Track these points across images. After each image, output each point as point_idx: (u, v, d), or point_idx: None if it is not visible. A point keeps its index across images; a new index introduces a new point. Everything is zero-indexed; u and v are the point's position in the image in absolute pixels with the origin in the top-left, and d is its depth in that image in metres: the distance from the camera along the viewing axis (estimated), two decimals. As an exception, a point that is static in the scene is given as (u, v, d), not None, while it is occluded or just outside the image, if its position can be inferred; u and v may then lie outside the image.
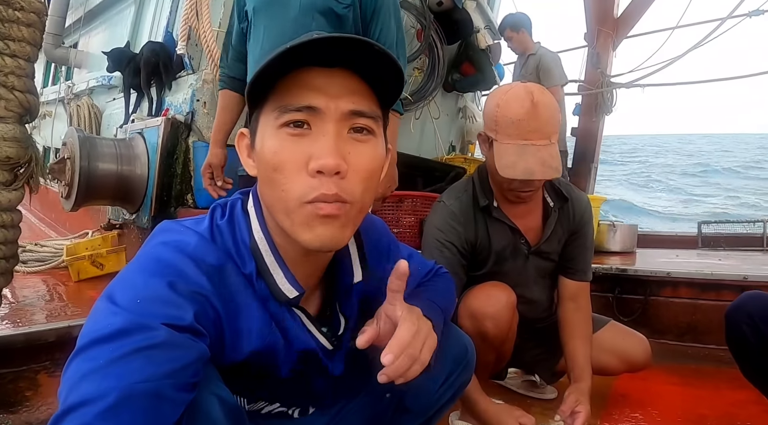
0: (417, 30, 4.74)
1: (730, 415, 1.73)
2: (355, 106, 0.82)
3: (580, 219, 1.84)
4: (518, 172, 1.56)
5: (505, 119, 1.58)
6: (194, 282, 0.79)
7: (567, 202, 1.82)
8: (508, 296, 1.70)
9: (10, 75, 1.41)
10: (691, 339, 2.71)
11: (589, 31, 5.52)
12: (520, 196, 1.70)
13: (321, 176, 0.79)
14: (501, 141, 1.59)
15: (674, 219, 16.06)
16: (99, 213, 4.43)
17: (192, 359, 0.72)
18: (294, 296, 0.90)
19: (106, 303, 0.73)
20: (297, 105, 0.80)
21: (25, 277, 3.61)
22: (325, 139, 0.80)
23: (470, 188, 1.81)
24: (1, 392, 1.95)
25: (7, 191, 1.43)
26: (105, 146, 3.51)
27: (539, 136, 1.56)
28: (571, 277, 1.88)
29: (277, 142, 0.81)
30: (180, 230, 0.86)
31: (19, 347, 2.14)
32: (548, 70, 4.45)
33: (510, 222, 1.78)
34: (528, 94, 1.57)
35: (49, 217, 5.83)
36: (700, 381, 2.31)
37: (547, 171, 1.55)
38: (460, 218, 1.75)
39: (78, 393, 0.64)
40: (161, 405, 0.66)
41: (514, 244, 1.81)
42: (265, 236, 0.89)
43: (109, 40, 5.21)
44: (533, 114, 1.55)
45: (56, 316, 2.80)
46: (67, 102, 5.49)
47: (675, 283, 2.88)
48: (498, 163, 1.59)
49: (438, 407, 1.19)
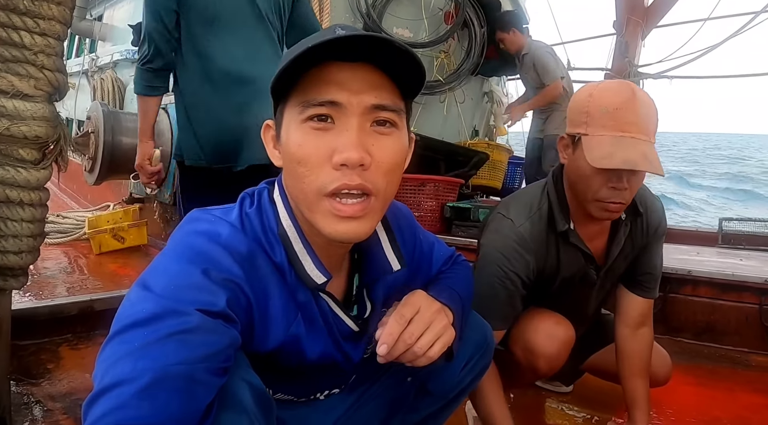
0: (445, 12, 4.68)
1: (744, 419, 1.72)
2: (378, 100, 0.82)
3: (654, 233, 1.60)
4: (617, 161, 1.29)
5: (598, 109, 1.35)
6: (227, 270, 0.80)
7: (640, 214, 1.56)
8: (568, 335, 1.56)
9: (40, 54, 1.41)
10: (708, 339, 2.69)
11: (618, 18, 5.41)
12: (608, 209, 1.40)
13: (344, 169, 0.80)
14: (593, 133, 1.35)
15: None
16: (120, 186, 4.48)
17: (225, 344, 0.73)
18: (322, 282, 0.91)
19: (140, 289, 0.75)
20: (320, 100, 0.80)
21: (47, 249, 3.67)
22: (348, 133, 0.80)
23: (545, 206, 1.53)
24: (24, 363, 2.00)
25: (35, 170, 1.44)
26: (129, 121, 3.54)
27: (638, 130, 1.32)
28: (640, 294, 1.65)
29: (301, 135, 0.82)
30: (210, 220, 0.87)
31: (41, 319, 2.19)
32: (545, 66, 4.29)
33: (584, 247, 1.53)
34: (626, 85, 1.37)
35: (71, 188, 5.91)
36: (715, 382, 2.29)
37: (650, 165, 1.29)
38: (530, 244, 1.48)
39: (113, 373, 0.66)
40: (195, 387, 0.68)
41: (584, 271, 1.58)
42: (293, 223, 0.90)
43: (134, 13, 5.21)
44: (632, 105, 1.32)
45: (78, 289, 2.86)
46: (91, 74, 5.52)
47: (695, 282, 2.85)
48: (589, 156, 1.33)
49: (458, 390, 1.20)
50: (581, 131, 1.38)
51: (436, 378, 1.15)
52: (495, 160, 4.63)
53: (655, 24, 5.43)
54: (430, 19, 4.63)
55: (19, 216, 1.45)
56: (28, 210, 1.45)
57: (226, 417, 0.74)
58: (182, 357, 0.67)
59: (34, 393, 1.83)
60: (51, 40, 1.43)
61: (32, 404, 1.76)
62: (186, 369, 0.67)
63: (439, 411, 1.21)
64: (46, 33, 1.41)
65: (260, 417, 0.79)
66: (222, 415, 0.73)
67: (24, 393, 1.82)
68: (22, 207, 1.44)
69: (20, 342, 2.03)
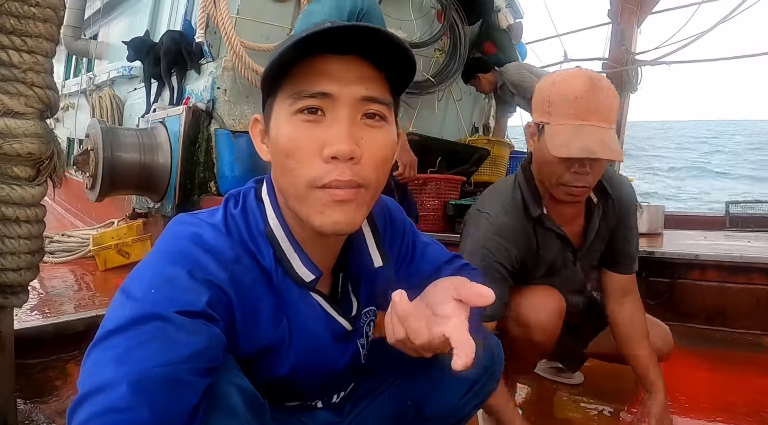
0: (437, 11, 4.68)
1: (759, 402, 1.69)
2: (368, 92, 0.82)
3: (626, 212, 1.68)
4: (574, 150, 1.36)
5: (560, 97, 1.41)
6: (209, 272, 0.79)
7: (611, 196, 1.64)
8: (558, 303, 1.59)
9: (29, 71, 1.41)
10: (719, 324, 2.65)
11: (612, 7, 5.39)
12: (573, 193, 1.48)
13: (335, 162, 0.80)
14: (554, 122, 1.42)
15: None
16: (124, 202, 4.50)
17: (207, 344, 0.72)
18: (311, 280, 0.91)
19: (121, 296, 0.74)
20: (310, 91, 0.80)
21: (54, 268, 3.69)
22: (338, 125, 0.80)
23: (518, 195, 1.59)
24: (32, 382, 1.99)
25: (30, 187, 1.44)
26: (127, 136, 3.55)
27: (598, 117, 1.38)
28: (619, 271, 1.73)
29: (291, 128, 0.81)
30: (194, 223, 0.86)
31: (48, 337, 2.19)
32: (521, 79, 4.16)
33: (559, 230, 1.60)
34: (586, 74, 1.42)
35: (75, 207, 5.94)
36: (728, 366, 2.26)
37: (609, 151, 1.36)
38: (509, 234, 1.54)
39: (96, 379, 0.65)
40: (178, 389, 0.67)
41: (562, 254, 1.65)
42: (280, 222, 0.90)
43: (128, 30, 5.25)
44: (592, 93, 1.38)
45: (84, 306, 2.87)
46: (89, 93, 5.56)
47: (703, 266, 2.81)
48: (550, 144, 1.41)
49: (460, 417, 1.15)
50: (544, 120, 1.46)
51: (435, 402, 1.11)
52: (496, 156, 4.62)
53: (650, 10, 5.40)
54: (422, 19, 4.62)
55: (16, 234, 1.44)
56: (24, 227, 1.45)
57: (215, 420, 0.73)
58: (164, 359, 0.67)
59: (43, 410, 1.83)
60: (39, 57, 1.43)
61: (40, 422, 1.76)
62: (168, 370, 0.67)
63: None
64: (34, 50, 1.41)
65: (251, 420, 0.78)
66: (211, 418, 0.72)
67: (32, 411, 1.82)
68: (18, 224, 1.44)
69: (27, 360, 2.03)
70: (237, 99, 3.67)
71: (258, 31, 3.72)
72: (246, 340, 0.87)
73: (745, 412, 1.88)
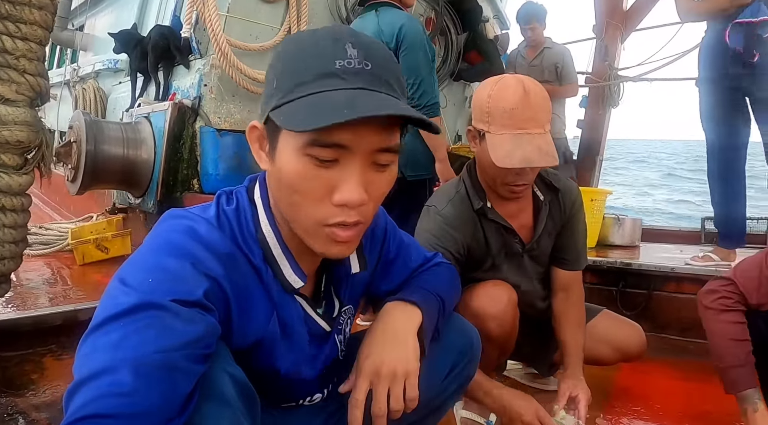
0: (426, 18, 4.70)
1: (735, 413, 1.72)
2: (383, 144, 0.82)
3: (571, 209, 1.80)
4: (516, 160, 1.49)
5: (497, 109, 1.53)
6: (206, 265, 0.80)
7: (557, 194, 1.77)
8: (509, 294, 1.67)
9: (22, 58, 1.41)
10: (694, 335, 2.69)
11: (597, 23, 5.49)
12: (514, 191, 1.64)
13: (344, 207, 0.82)
14: (495, 132, 1.54)
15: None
16: (104, 196, 4.44)
17: (202, 332, 0.74)
18: (299, 286, 0.94)
19: (118, 284, 0.75)
20: (326, 141, 0.78)
21: (30, 260, 3.61)
22: (351, 175, 0.80)
23: (462, 189, 1.73)
24: (8, 375, 1.96)
25: (17, 175, 1.43)
26: (111, 130, 3.51)
27: (534, 124, 1.51)
28: (563, 267, 1.85)
29: (301, 166, 0.80)
30: (189, 217, 0.87)
31: (25, 330, 2.15)
32: (569, 65, 4.56)
33: (504, 222, 1.72)
34: (519, 83, 1.53)
35: (54, 200, 5.84)
36: (704, 377, 2.29)
37: (545, 158, 1.49)
38: (454, 222, 1.67)
39: (92, 365, 0.66)
40: (174, 375, 0.68)
41: (509, 245, 1.76)
42: (273, 229, 0.91)
43: (115, 22, 5.19)
44: (526, 102, 1.50)
45: (61, 300, 2.82)
46: (73, 85, 5.48)
47: (679, 279, 2.88)
48: (493, 155, 1.52)
49: (442, 399, 1.19)
50: (484, 128, 1.58)
51: (426, 362, 1.13)
52: (478, 164, 4.66)
53: (634, 27, 5.51)
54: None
55: (1, 223, 1.43)
56: (10, 215, 1.44)
57: (208, 408, 0.74)
58: (160, 346, 0.68)
59: (18, 404, 1.80)
60: (33, 44, 1.42)
61: (16, 415, 1.73)
62: (164, 357, 0.68)
63: (424, 420, 1.18)
64: (28, 37, 1.41)
65: (244, 409, 0.80)
66: (204, 406, 0.73)
67: (8, 404, 1.79)
68: (4, 212, 1.43)
69: (3, 353, 2.00)
70: (224, 97, 3.65)
71: (248, 31, 3.71)
72: (240, 333, 0.88)
73: (720, 421, 1.91)
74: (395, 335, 1.02)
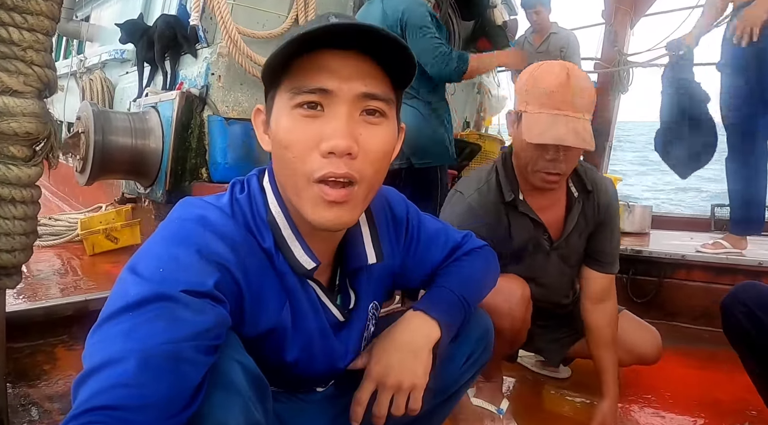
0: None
1: (745, 400, 1.72)
2: (368, 89, 0.83)
3: (606, 210, 1.73)
4: (548, 137, 1.44)
5: (537, 89, 1.50)
6: (216, 253, 0.80)
7: (592, 192, 1.71)
8: (522, 290, 1.64)
9: (29, 49, 1.39)
10: (705, 323, 2.68)
11: (606, 8, 5.40)
12: (547, 179, 1.56)
13: (332, 156, 0.81)
14: (531, 111, 1.50)
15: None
16: (112, 187, 4.45)
17: (212, 323, 0.73)
18: (311, 268, 0.92)
19: (129, 274, 0.75)
20: (310, 87, 0.81)
21: (40, 251, 3.64)
22: (337, 120, 0.81)
23: (493, 178, 1.68)
24: (20, 365, 1.97)
25: (26, 167, 1.42)
26: (119, 120, 3.51)
27: (573, 108, 1.46)
28: (597, 270, 1.77)
29: (290, 121, 0.82)
30: (201, 205, 0.87)
31: (37, 321, 2.17)
32: (572, 51, 4.53)
33: (534, 216, 1.67)
34: (563, 68, 1.50)
35: (62, 191, 5.86)
36: (715, 365, 2.29)
37: (580, 141, 1.44)
38: (478, 212, 1.63)
39: (102, 354, 0.66)
40: (183, 366, 0.68)
41: (536, 240, 1.71)
42: (282, 210, 0.91)
43: (121, 12, 5.18)
44: (568, 86, 1.46)
45: (72, 290, 2.84)
46: (80, 76, 5.48)
47: (689, 266, 2.86)
48: (527, 133, 1.49)
49: (458, 386, 1.21)
50: (522, 109, 1.54)
51: (436, 375, 1.13)
52: (487, 151, 4.63)
53: (643, 13, 5.43)
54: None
55: (11, 214, 1.43)
56: (20, 207, 1.43)
57: (217, 396, 0.74)
58: (169, 337, 0.68)
59: (31, 394, 1.81)
60: (40, 35, 1.41)
61: (29, 405, 1.75)
62: (173, 348, 0.68)
63: (440, 406, 1.20)
64: (35, 28, 1.39)
65: (254, 398, 0.79)
66: (213, 395, 0.73)
67: (21, 395, 1.81)
68: (13, 204, 1.42)
69: (15, 344, 2.01)
70: (231, 85, 3.64)
71: (254, 18, 3.69)
72: (252, 321, 0.88)
73: (731, 409, 1.91)
74: (410, 347, 1.03)
